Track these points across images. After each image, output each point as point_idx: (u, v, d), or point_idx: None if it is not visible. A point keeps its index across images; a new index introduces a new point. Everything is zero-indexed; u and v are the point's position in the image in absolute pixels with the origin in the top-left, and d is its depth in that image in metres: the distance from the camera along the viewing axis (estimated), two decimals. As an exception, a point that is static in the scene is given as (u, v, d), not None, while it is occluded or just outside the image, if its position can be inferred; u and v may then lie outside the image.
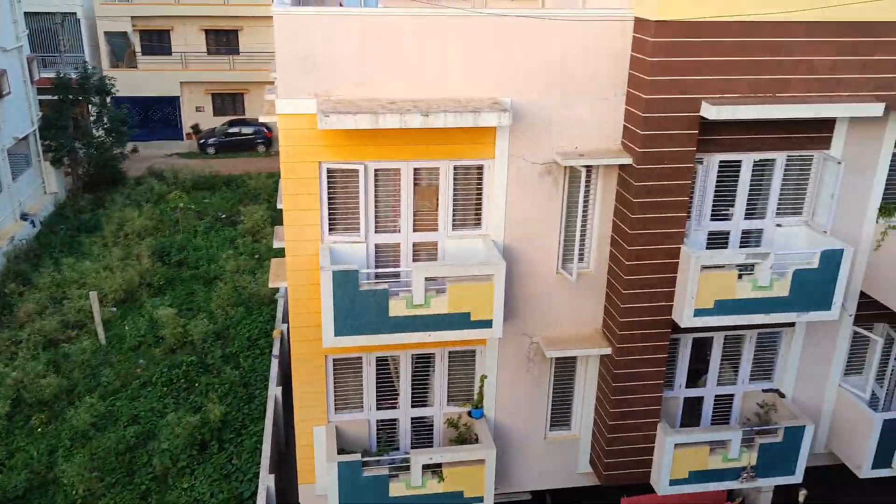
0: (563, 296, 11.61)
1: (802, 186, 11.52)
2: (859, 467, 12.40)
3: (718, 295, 10.70)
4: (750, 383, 12.69)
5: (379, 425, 12.05)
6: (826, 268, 10.76)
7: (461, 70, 10.28)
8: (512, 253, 11.19)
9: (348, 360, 11.59)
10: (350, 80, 10.11)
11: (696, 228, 11.42)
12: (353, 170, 10.53)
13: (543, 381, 12.10)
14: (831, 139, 11.17)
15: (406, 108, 9.83)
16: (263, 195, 33.68)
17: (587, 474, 12.76)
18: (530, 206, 11.02)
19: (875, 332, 12.51)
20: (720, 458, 11.80)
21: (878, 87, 10.53)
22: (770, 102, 10.21)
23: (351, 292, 10.02)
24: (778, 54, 10.13)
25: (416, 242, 11.05)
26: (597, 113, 10.71)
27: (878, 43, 10.31)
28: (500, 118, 9.82)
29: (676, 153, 10.41)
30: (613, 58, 10.49)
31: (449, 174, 10.74)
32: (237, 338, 22.30)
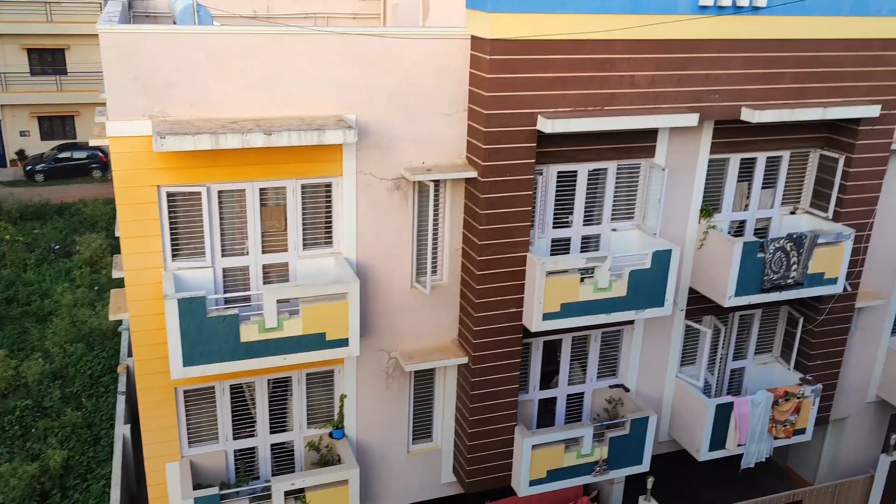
0: (419, 309, 11.76)
1: (633, 193, 12.35)
2: (698, 451, 13.38)
3: (564, 298, 11.23)
4: (598, 380, 13.40)
5: (237, 455, 11.64)
6: (658, 267, 11.58)
7: (304, 88, 10.22)
8: (365, 269, 11.20)
9: (200, 390, 11.13)
10: (187, 99, 9.78)
11: (540, 236, 11.94)
12: (194, 192, 10.17)
13: (403, 396, 12.17)
14: (655, 148, 12.07)
15: (248, 127, 9.63)
16: (101, 223, 31.71)
17: (451, 483, 12.94)
18: (381, 222, 11.10)
19: (704, 324, 13.58)
20: (575, 455, 12.35)
21: (693, 99, 11.50)
22: (599, 115, 10.89)
23: (198, 320, 9.64)
24: (604, 70, 10.83)
25: (265, 264, 10.82)
26: (441, 128, 10.98)
27: (690, 59, 11.26)
28: (346, 135, 9.84)
29: (517, 165, 10.86)
30: (454, 75, 10.81)
31: (296, 193, 10.62)
32: (78, 376, 20.80)
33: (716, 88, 11.55)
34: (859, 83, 12.35)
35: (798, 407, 13.51)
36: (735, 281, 12.20)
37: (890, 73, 12.48)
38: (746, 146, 12.72)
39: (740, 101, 11.75)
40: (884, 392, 15.57)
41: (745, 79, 11.66)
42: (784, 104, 11.98)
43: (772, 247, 12.22)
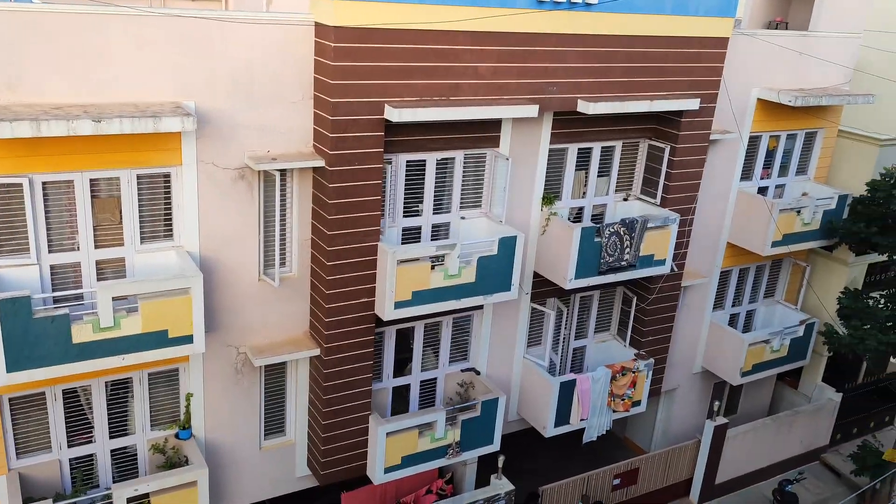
0: (268, 302, 11.49)
1: (480, 181, 12.69)
2: (545, 427, 14.02)
3: (415, 286, 11.37)
4: (450, 365, 13.69)
5: (73, 464, 10.88)
6: (504, 253, 11.98)
7: (138, 72, 9.65)
8: (209, 263, 10.79)
9: (28, 396, 10.31)
10: (3, 82, 8.96)
11: (390, 225, 12.00)
12: (15, 184, 9.36)
13: (254, 391, 11.87)
14: (499, 138, 12.46)
15: (74, 113, 8.97)
16: None
17: (307, 477, 12.79)
18: (225, 213, 10.72)
19: (548, 306, 14.22)
20: (428, 440, 12.57)
21: (533, 91, 11.96)
22: (444, 105, 11.08)
23: (23, 321, 8.90)
24: (447, 60, 11.02)
25: (99, 260, 10.16)
26: (287, 117, 10.74)
27: (530, 51, 11.70)
28: (184, 123, 9.39)
29: (366, 154, 10.85)
30: (299, 62, 10.60)
31: (132, 184, 10.03)
32: None
33: (554, 81, 12.07)
34: (681, 78, 13.34)
35: (634, 381, 14.48)
36: (575, 264, 12.86)
37: (708, 69, 13.57)
38: (583, 136, 13.41)
39: (576, 93, 12.36)
40: (708, 363, 17.01)
41: (580, 72, 12.27)
42: (615, 97, 12.73)
43: (607, 231, 12.97)
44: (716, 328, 16.70)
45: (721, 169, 15.33)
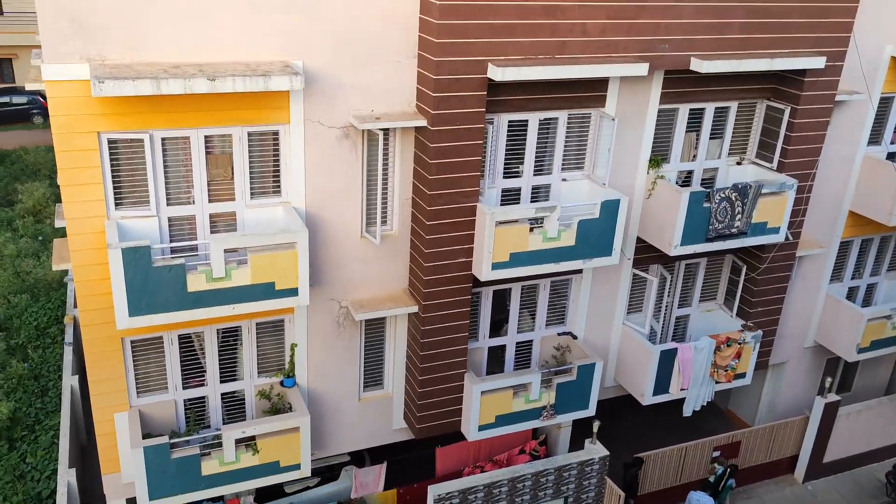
0: (369, 259, 11.74)
1: (583, 142, 12.41)
2: (642, 395, 13.79)
3: (513, 248, 11.33)
4: (546, 328, 13.63)
5: (187, 404, 11.62)
6: (606, 217, 11.72)
7: (250, 32, 9.93)
8: (314, 219, 11.11)
9: (147, 340, 11.03)
10: (126, 42, 9.43)
11: (490, 186, 11.96)
12: (137, 139, 9.90)
13: (354, 344, 12.24)
14: (606, 98, 12.10)
15: (191, 72, 9.35)
16: (44, 171, 30.68)
17: (402, 430, 13.15)
18: (330, 171, 10.98)
19: (650, 272, 13.86)
20: (523, 401, 12.63)
21: (643, 49, 11.50)
22: (549, 64, 10.84)
23: (144, 269, 9.49)
24: (554, 17, 10.74)
25: (212, 213, 10.65)
26: (391, 76, 10.81)
27: (640, 7, 11.23)
28: (293, 81, 9.63)
29: (468, 114, 10.79)
30: (403, 21, 10.61)
31: (243, 141, 10.41)
32: (23, 327, 20.36)
33: (666, 38, 11.56)
34: (806, 34, 12.49)
35: (739, 353, 13.98)
36: (681, 230, 12.43)
37: (835, 24, 12.64)
38: (695, 96, 12.83)
39: (689, 51, 11.80)
40: (821, 338, 16.19)
41: (694, 28, 11.69)
42: (732, 55, 12.07)
43: (717, 196, 12.45)
44: (832, 301, 15.83)
45: (846, 132, 14.34)
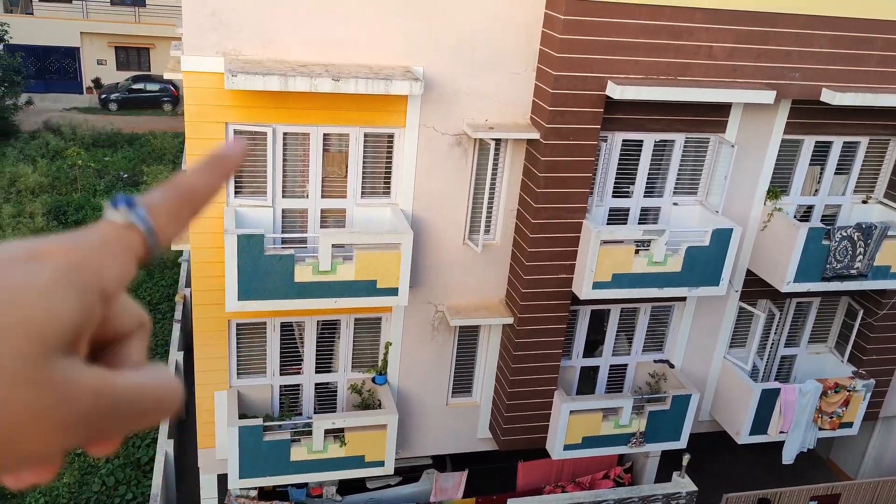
0: (469, 266, 11.82)
1: (698, 167, 12.08)
2: (738, 433, 13.25)
3: (616, 269, 11.14)
4: (643, 354, 13.32)
5: (282, 390, 12.01)
6: (716, 246, 11.36)
7: (373, 36, 10.22)
8: (420, 222, 11.29)
9: (252, 324, 11.48)
10: (259, 39, 9.89)
11: (598, 204, 11.81)
12: (261, 132, 10.35)
13: (447, 349, 12.33)
14: (727, 123, 11.74)
15: (317, 71, 9.70)
16: (169, 155, 32.49)
17: (486, 440, 13.14)
18: (439, 176, 11.13)
19: (758, 307, 13.32)
20: (612, 425, 12.38)
21: (770, 76, 11.10)
22: (671, 85, 10.62)
23: (256, 257, 9.90)
24: (679, 39, 10.52)
25: (324, 209, 11.00)
26: (507, 87, 10.87)
27: (771, 33, 10.85)
28: (412, 87, 9.83)
29: (582, 130, 10.71)
30: (525, 33, 10.65)
31: (359, 141, 10.71)
32: (138, 301, 21.60)
33: (797, 66, 11.12)
34: (952, 71, 11.73)
35: (847, 400, 13.22)
36: (796, 266, 11.90)
37: None
38: (823, 129, 12.26)
39: (821, 81, 11.31)
40: (940, 394, 15.09)
41: (828, 58, 11.19)
42: (868, 88, 11.48)
43: (838, 235, 11.85)
44: (956, 357, 14.73)
45: None
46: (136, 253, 0.69)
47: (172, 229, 0.73)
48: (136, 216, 0.69)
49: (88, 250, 0.65)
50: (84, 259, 0.64)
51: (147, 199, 0.71)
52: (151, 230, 0.70)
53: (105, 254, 0.66)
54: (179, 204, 0.73)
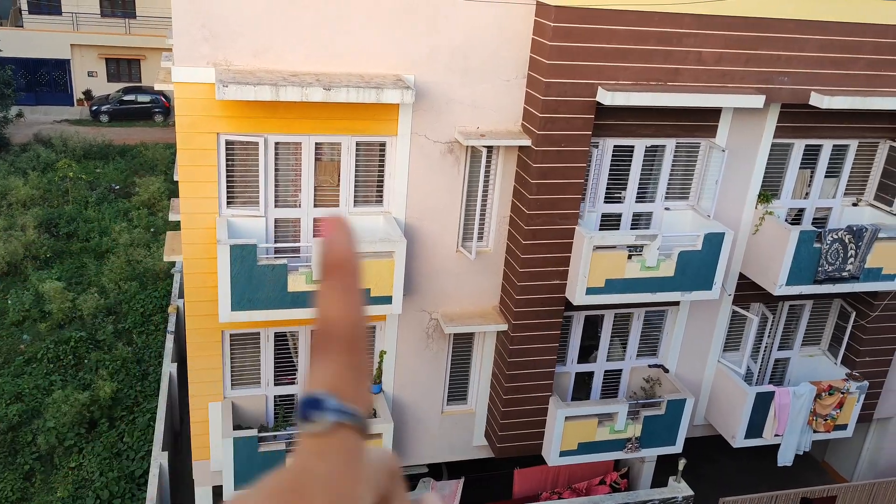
0: (463, 273, 11.83)
1: (690, 172, 12.13)
2: (734, 437, 13.27)
3: (609, 274, 11.16)
4: (637, 359, 13.33)
5: (276, 401, 11.97)
6: (709, 250, 11.40)
7: (365, 45, 10.24)
8: (413, 230, 11.29)
9: (246, 335, 11.45)
10: (250, 49, 9.90)
11: (590, 210, 11.84)
12: (252, 142, 10.35)
13: (441, 357, 12.32)
14: (717, 128, 11.80)
15: (308, 81, 9.72)
16: (160, 167, 32.42)
17: (482, 447, 13.11)
18: (432, 184, 11.14)
19: (751, 311, 13.35)
20: (607, 430, 12.38)
21: (760, 81, 11.17)
22: (661, 90, 10.67)
23: (249, 267, 9.88)
24: (669, 44, 10.58)
25: (316, 218, 10.99)
26: (499, 94, 10.90)
27: (760, 38, 10.92)
28: (404, 95, 9.85)
29: (573, 136, 10.75)
30: (516, 41, 10.69)
31: (351, 150, 10.72)
32: (130, 313, 21.52)
33: (786, 70, 11.19)
34: (939, 74, 11.82)
35: (841, 402, 13.26)
36: (788, 269, 11.94)
37: (973, 65, 11.90)
38: (812, 132, 12.34)
39: (810, 85, 11.38)
40: (933, 395, 15.15)
41: (817, 62, 11.27)
42: (857, 91, 11.55)
43: (829, 237, 11.90)
44: (949, 358, 14.80)
45: (977, 179, 13.44)
46: (361, 447, 0.58)
47: (364, 387, 0.61)
48: (333, 412, 0.58)
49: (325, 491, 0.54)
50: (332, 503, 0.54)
51: (323, 380, 0.59)
52: (355, 413, 0.59)
53: (342, 477, 0.56)
54: (347, 358, 0.61)
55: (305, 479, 0.54)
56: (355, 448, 0.58)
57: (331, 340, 0.62)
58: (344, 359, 0.61)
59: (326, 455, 0.56)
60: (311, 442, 0.57)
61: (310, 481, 0.54)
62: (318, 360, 0.62)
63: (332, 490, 0.54)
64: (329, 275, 0.63)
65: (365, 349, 0.62)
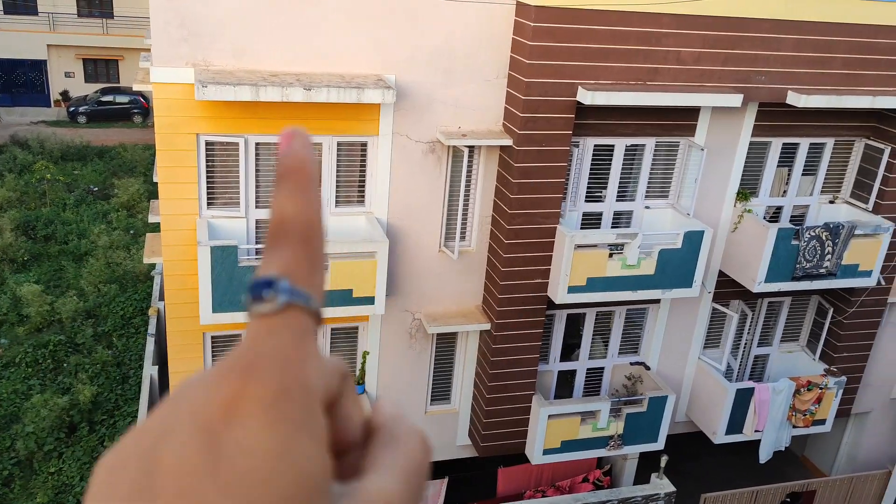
0: (445, 273, 11.84)
1: (669, 171, 12.22)
2: (714, 433, 13.39)
3: (591, 273, 11.23)
4: (619, 357, 13.42)
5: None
6: (688, 248, 11.49)
7: (346, 45, 10.23)
8: (395, 230, 11.29)
9: (227, 337, 11.38)
10: (230, 49, 9.85)
11: (571, 209, 11.90)
12: (232, 143, 10.29)
13: (425, 357, 12.33)
14: (696, 127, 11.90)
15: (288, 81, 9.69)
16: (140, 168, 32.15)
17: (466, 446, 13.14)
18: (414, 184, 11.14)
19: (731, 308, 13.48)
20: (590, 428, 12.44)
21: (738, 80, 11.28)
22: (641, 90, 10.75)
23: (229, 268, 9.83)
24: (648, 44, 10.66)
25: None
26: (479, 94, 10.93)
27: (738, 37, 11.03)
28: (385, 95, 9.85)
29: (554, 136, 10.79)
30: (497, 41, 10.72)
31: (332, 150, 10.69)
32: (110, 316, 21.32)
33: (763, 70, 11.31)
34: (912, 73, 12.01)
35: (820, 397, 13.42)
36: (766, 267, 12.08)
37: (946, 64, 12.10)
38: (790, 131, 12.49)
39: (787, 84, 11.51)
40: (909, 389, 15.38)
41: (793, 61, 11.40)
42: (832, 90, 11.71)
43: (807, 235, 12.05)
44: (924, 353, 15.03)
45: (951, 176, 13.66)
46: (312, 330, 0.55)
47: (318, 277, 0.58)
48: (286, 293, 0.55)
49: (275, 368, 0.52)
50: (282, 383, 0.51)
51: (276, 266, 0.56)
52: (308, 296, 0.56)
53: (292, 355, 0.53)
54: (302, 249, 0.58)
55: (254, 357, 0.52)
56: (307, 330, 0.55)
57: (286, 235, 0.58)
58: (299, 250, 0.58)
59: (276, 333, 0.54)
60: (261, 322, 0.54)
61: (258, 358, 0.52)
62: (272, 250, 0.58)
63: (281, 367, 0.51)
64: (285, 178, 0.60)
65: (322, 246, 0.59)
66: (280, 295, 0.55)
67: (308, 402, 0.52)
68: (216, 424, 0.49)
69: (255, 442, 0.48)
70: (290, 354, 0.53)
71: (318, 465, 0.49)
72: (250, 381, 0.50)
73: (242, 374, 0.51)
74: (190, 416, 0.50)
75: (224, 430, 0.49)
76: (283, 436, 0.49)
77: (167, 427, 0.50)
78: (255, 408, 0.49)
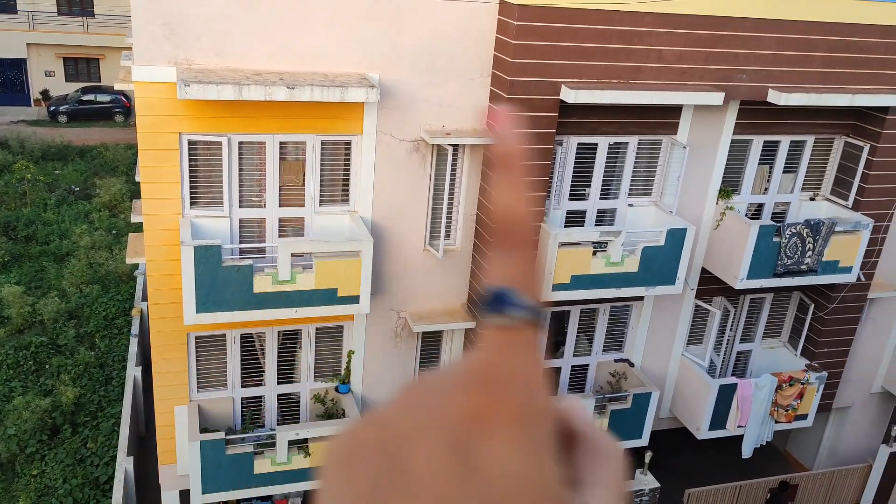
0: (430, 272, 11.85)
1: (652, 169, 12.30)
2: (698, 429, 13.49)
3: (575, 270, 11.28)
4: (603, 354, 13.49)
5: (244, 403, 11.88)
6: (671, 245, 11.58)
7: (329, 44, 10.20)
8: (380, 229, 11.28)
9: (211, 337, 11.34)
10: (212, 48, 9.80)
11: (555, 207, 11.95)
12: (216, 142, 10.25)
13: (410, 356, 12.33)
14: (678, 125, 11.99)
15: (271, 79, 9.65)
16: (122, 167, 31.89)
17: (452, 444, 13.15)
18: (398, 182, 11.14)
19: (714, 305, 13.60)
20: (575, 425, 12.48)
21: (719, 78, 11.37)
22: (623, 88, 10.81)
23: (213, 268, 9.79)
24: (631, 43, 10.72)
25: (282, 218, 10.92)
26: (464, 93, 10.94)
27: (719, 36, 11.12)
28: (368, 94, 9.84)
29: (537, 134, 10.83)
30: (480, 39, 10.74)
31: (316, 149, 10.67)
32: (93, 317, 21.15)
33: (744, 68, 11.41)
34: (890, 71, 12.16)
35: (802, 393, 13.57)
36: (748, 263, 12.19)
37: (923, 62, 12.26)
38: (771, 129, 12.60)
39: (768, 82, 11.62)
40: (889, 384, 15.58)
41: (774, 60, 11.51)
42: (812, 88, 11.83)
43: (788, 231, 12.17)
44: (903, 347, 15.23)
45: (928, 173, 13.84)
46: (541, 345, 0.57)
47: (540, 286, 0.60)
48: (524, 309, 0.56)
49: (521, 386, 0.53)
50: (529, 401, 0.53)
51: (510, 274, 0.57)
52: (540, 311, 0.58)
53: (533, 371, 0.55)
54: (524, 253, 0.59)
55: (501, 371, 0.54)
56: (538, 345, 0.57)
57: (510, 235, 0.60)
58: (522, 253, 0.60)
59: (517, 349, 0.55)
60: (499, 334, 0.56)
61: (505, 373, 0.54)
62: (499, 254, 0.60)
63: (525, 385, 0.54)
64: (503, 168, 0.62)
65: (535, 245, 0.62)
66: (517, 309, 0.56)
67: (547, 421, 0.54)
68: (466, 435, 0.50)
69: (506, 457, 0.50)
70: (532, 372, 0.55)
71: (559, 484, 0.51)
72: (499, 397, 0.52)
73: (492, 388, 0.52)
74: (437, 421, 0.51)
75: (475, 441, 0.50)
76: (531, 454, 0.50)
77: (412, 428, 0.51)
78: (504, 423, 0.51)
